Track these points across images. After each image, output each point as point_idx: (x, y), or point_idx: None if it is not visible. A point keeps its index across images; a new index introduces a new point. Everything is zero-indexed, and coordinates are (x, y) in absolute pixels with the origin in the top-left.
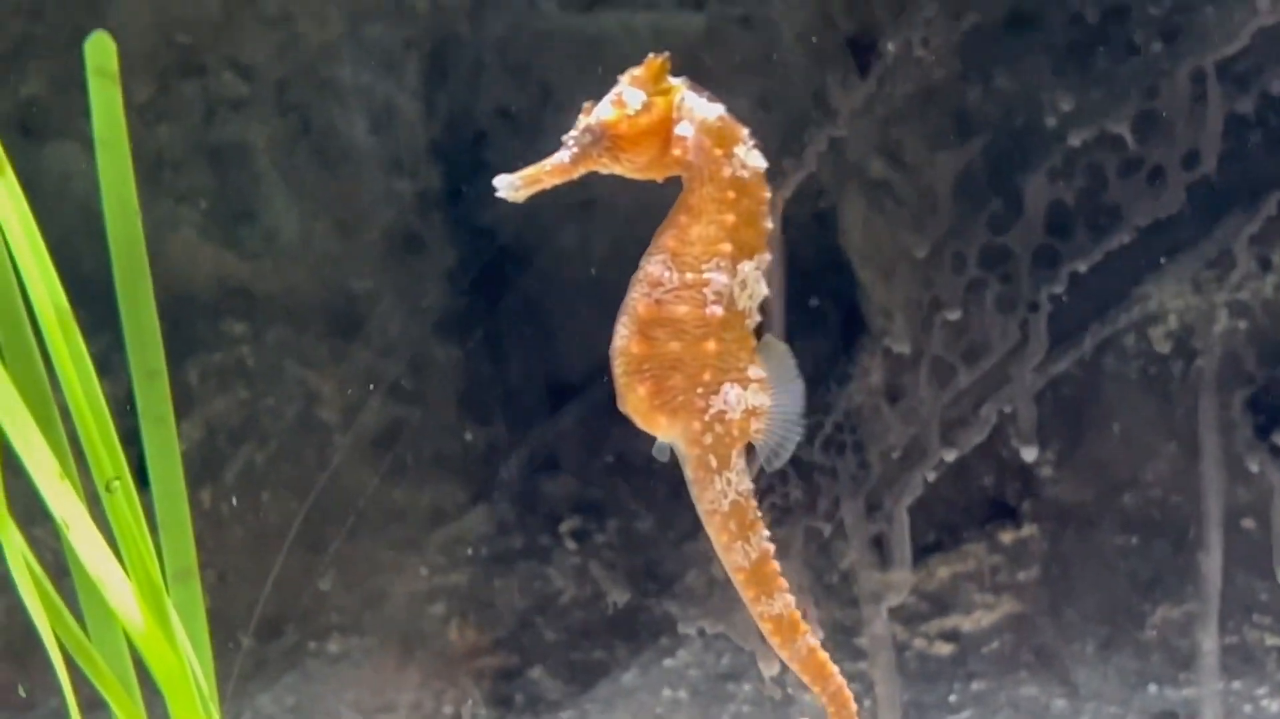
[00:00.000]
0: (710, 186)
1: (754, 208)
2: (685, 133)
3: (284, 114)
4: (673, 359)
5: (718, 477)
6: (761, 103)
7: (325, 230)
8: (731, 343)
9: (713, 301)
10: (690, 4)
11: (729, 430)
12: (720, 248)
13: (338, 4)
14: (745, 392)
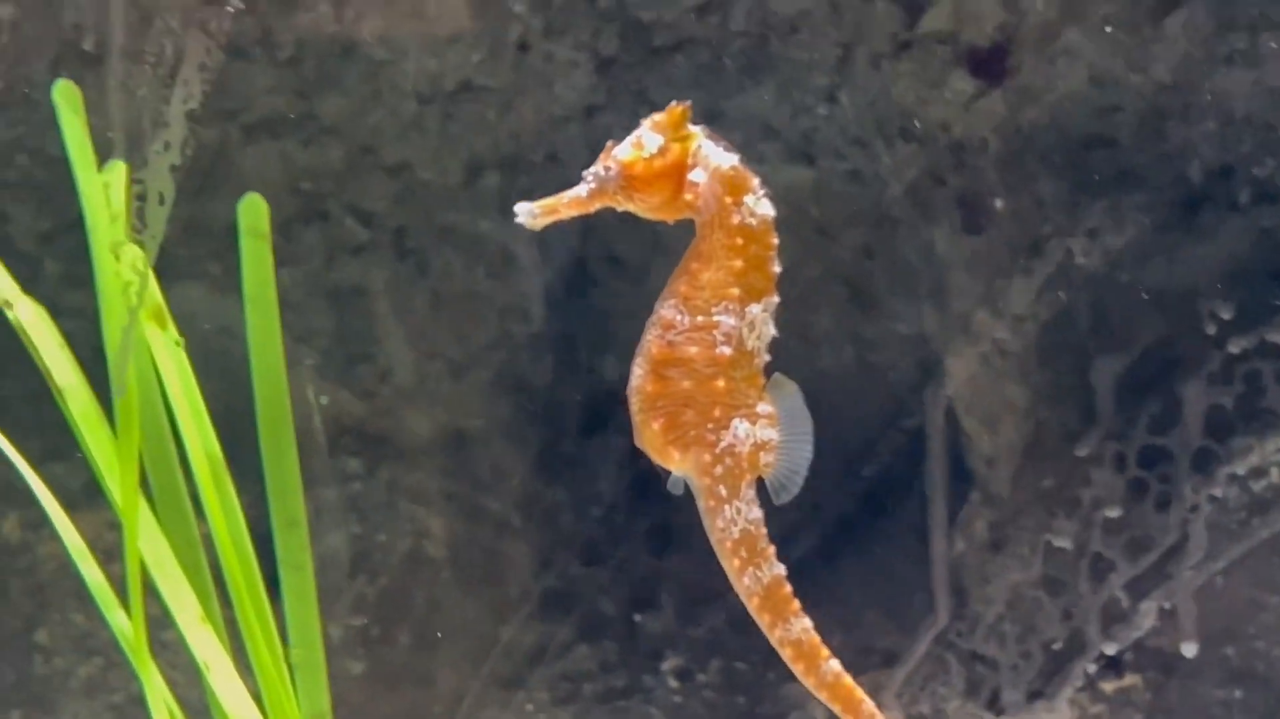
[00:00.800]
0: (720, 233)
1: (762, 253)
2: (698, 179)
3: (402, 258)
4: (685, 397)
5: (727, 506)
6: (866, 254)
7: (439, 371)
8: (740, 381)
9: (722, 342)
10: (800, 158)
11: (738, 463)
12: (729, 292)
13: (456, 154)
14: (754, 426)
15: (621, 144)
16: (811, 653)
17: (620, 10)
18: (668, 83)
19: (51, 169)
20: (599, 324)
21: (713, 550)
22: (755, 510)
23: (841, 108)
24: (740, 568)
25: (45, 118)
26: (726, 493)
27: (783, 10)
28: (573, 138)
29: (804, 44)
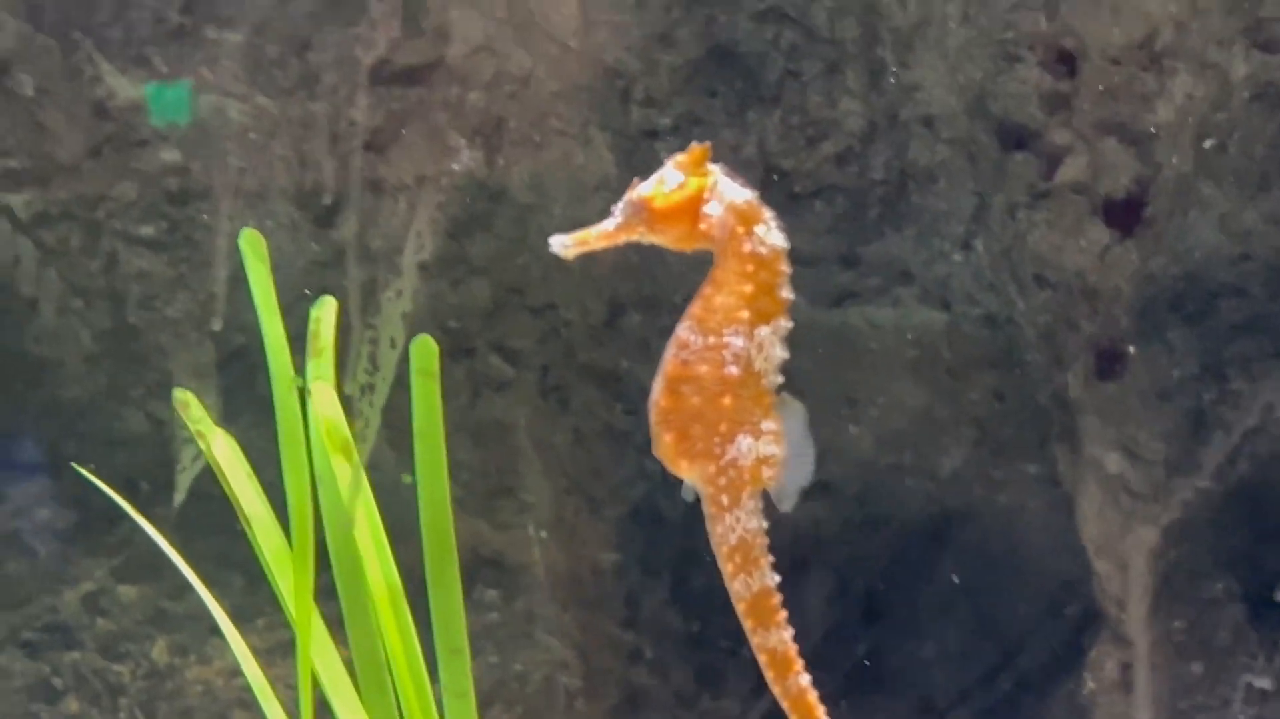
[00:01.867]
0: (732, 260)
1: (772, 280)
2: (713, 211)
3: (545, 395)
4: (694, 412)
5: (728, 514)
6: (997, 397)
7: (577, 505)
8: (747, 399)
9: (730, 362)
10: (935, 302)
11: (741, 474)
12: (739, 315)
13: (599, 294)
14: (758, 442)
15: (646, 181)
16: (785, 663)
17: (762, 158)
18: (806, 228)
19: (210, 306)
20: None
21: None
22: (755, 521)
23: (977, 254)
24: (734, 572)
25: (204, 256)
26: (728, 502)
27: (921, 160)
28: None
29: (941, 193)
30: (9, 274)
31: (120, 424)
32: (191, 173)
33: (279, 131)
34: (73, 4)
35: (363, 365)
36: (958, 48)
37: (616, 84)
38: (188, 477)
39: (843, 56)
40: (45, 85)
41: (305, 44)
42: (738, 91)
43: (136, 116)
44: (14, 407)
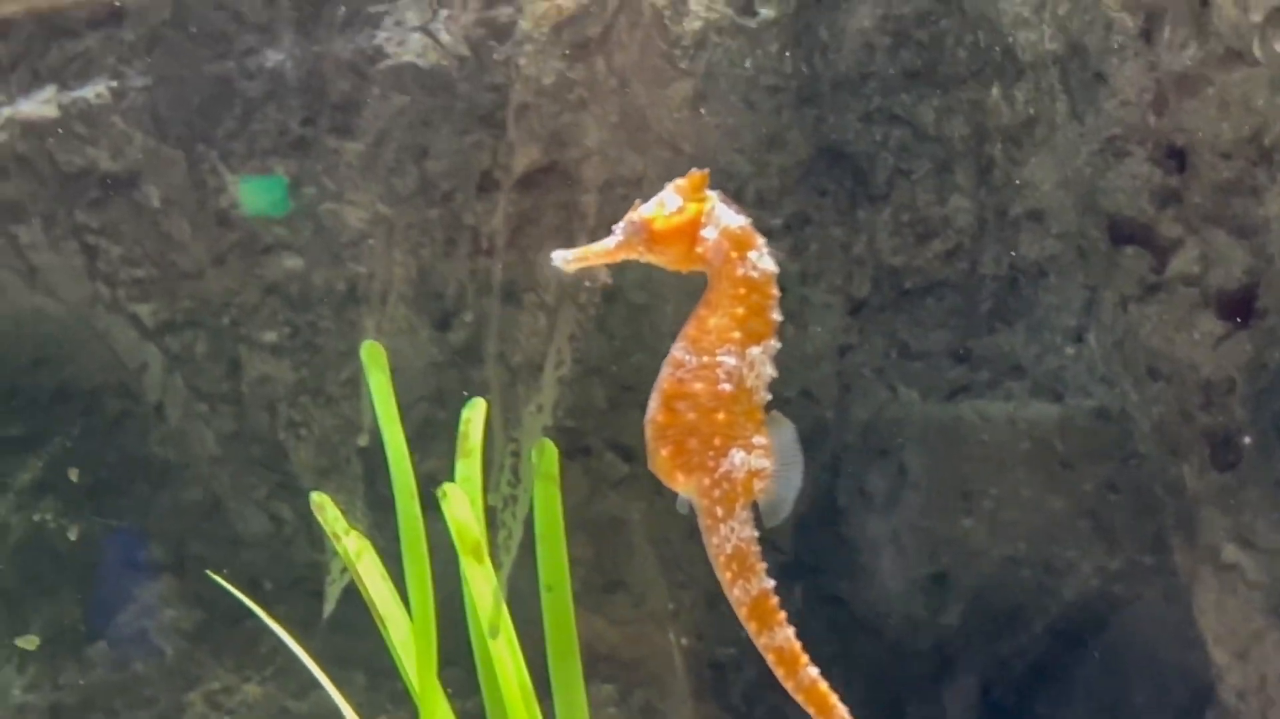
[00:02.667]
0: (725, 283)
1: (763, 302)
2: (709, 235)
3: (660, 491)
4: (690, 427)
5: (723, 524)
6: (1111, 488)
7: (693, 600)
8: (739, 415)
9: (723, 380)
10: (1047, 395)
11: (734, 487)
12: (731, 335)
13: None
14: (750, 456)
15: (647, 203)
16: (792, 659)
17: (872, 255)
18: (918, 324)
19: (331, 409)
20: (847, 555)
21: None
22: (748, 530)
23: (1089, 347)
24: (732, 580)
25: (325, 360)
26: (722, 513)
27: (1031, 255)
28: (826, 376)
29: (1052, 287)
30: (136, 380)
31: (243, 525)
32: (312, 279)
33: (398, 237)
34: (199, 118)
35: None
36: (1067, 144)
37: (728, 186)
38: (337, 588)
39: (952, 154)
40: (171, 196)
41: (424, 152)
42: (848, 190)
43: (261, 225)
44: (140, 509)
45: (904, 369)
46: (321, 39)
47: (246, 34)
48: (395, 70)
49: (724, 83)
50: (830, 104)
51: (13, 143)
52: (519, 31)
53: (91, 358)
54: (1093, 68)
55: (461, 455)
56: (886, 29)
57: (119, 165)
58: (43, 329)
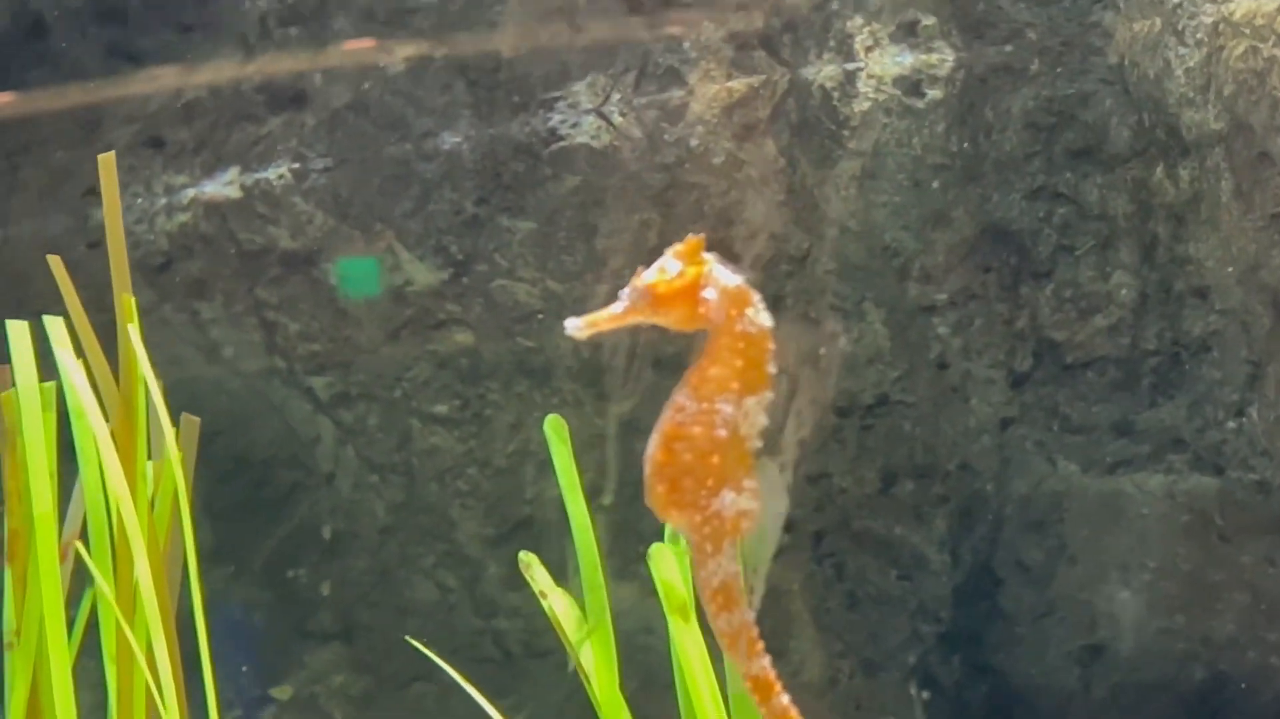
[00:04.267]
0: (725, 338)
1: (759, 356)
2: (709, 296)
3: (819, 562)
4: (686, 467)
5: (711, 560)
6: (1270, 561)
7: (851, 669)
8: (732, 459)
9: (720, 426)
10: (1208, 468)
11: (723, 525)
12: (730, 385)
13: (873, 463)
14: (739, 497)
15: (649, 270)
16: (768, 686)
17: (1034, 330)
18: (1079, 398)
19: (498, 479)
20: (1004, 626)
21: None
22: (734, 566)
23: (1251, 421)
24: (717, 611)
25: (493, 432)
26: (711, 549)
27: (1194, 330)
28: (986, 449)
29: (1215, 362)
30: (309, 452)
31: (410, 593)
32: (482, 353)
33: (565, 312)
34: (378, 198)
35: None
36: (1231, 222)
37: (893, 262)
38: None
39: (1115, 232)
40: (348, 274)
41: (593, 230)
42: (1011, 267)
43: (434, 301)
44: (311, 577)
45: (1064, 443)
46: (497, 122)
47: (424, 118)
48: (568, 151)
49: (891, 162)
50: (994, 182)
51: (197, 222)
52: (690, 114)
53: (266, 430)
54: (1258, 146)
55: None
56: (1051, 109)
57: (298, 244)
58: (220, 402)
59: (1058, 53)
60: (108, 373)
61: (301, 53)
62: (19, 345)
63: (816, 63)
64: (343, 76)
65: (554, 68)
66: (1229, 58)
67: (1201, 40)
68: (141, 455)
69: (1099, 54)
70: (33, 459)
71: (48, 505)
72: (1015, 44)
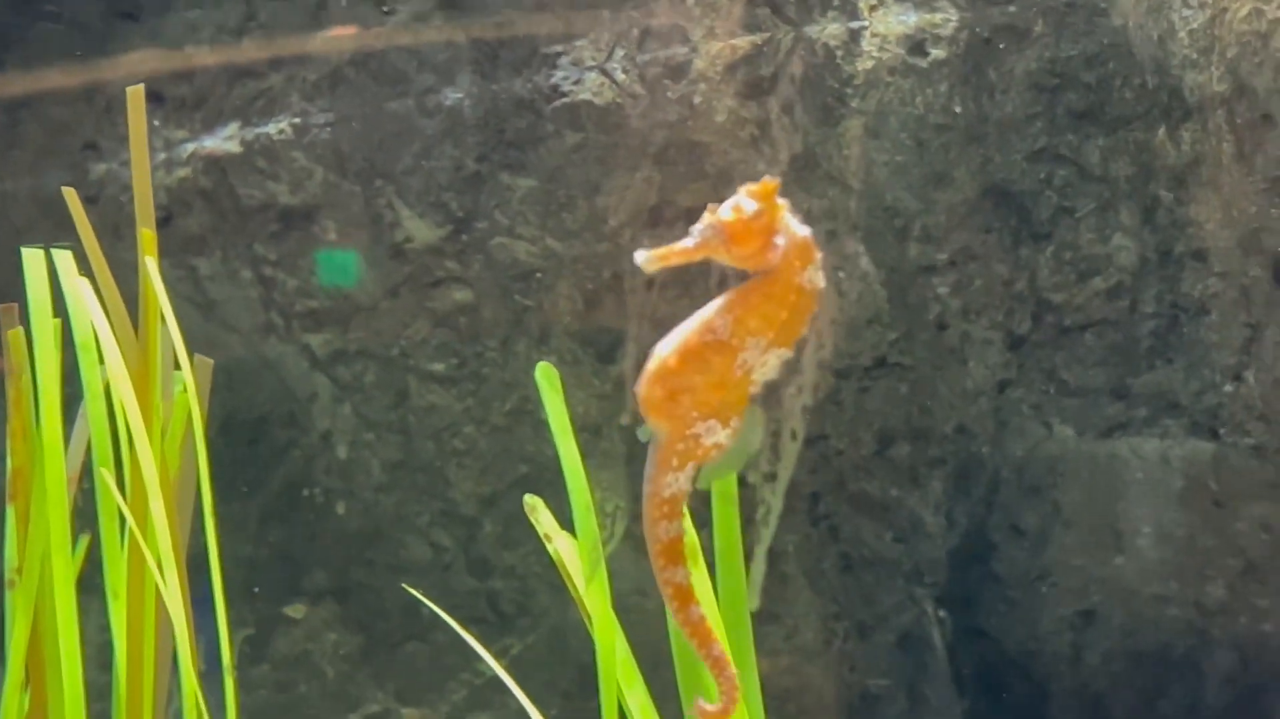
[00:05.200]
0: (780, 287)
1: (803, 314)
2: (780, 242)
3: (815, 524)
4: (690, 386)
5: (672, 473)
6: (1265, 527)
7: (845, 631)
8: (732, 398)
9: (739, 367)
10: (1203, 433)
11: (696, 448)
12: (767, 332)
13: (869, 426)
14: (722, 432)
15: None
16: (685, 596)
17: (1034, 292)
18: (1077, 360)
19: (494, 438)
20: (998, 590)
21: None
22: (688, 484)
23: (1247, 385)
24: (658, 518)
25: (491, 390)
26: (677, 464)
27: (1193, 293)
28: (983, 412)
29: (1213, 325)
30: (305, 409)
31: (405, 552)
32: (481, 311)
33: (564, 271)
34: (378, 153)
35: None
36: (1232, 185)
37: (894, 222)
38: None
39: (1116, 194)
40: (347, 230)
41: (595, 188)
42: (1011, 228)
43: (433, 258)
44: (306, 536)
45: (1061, 405)
46: (499, 78)
47: (425, 74)
48: (570, 108)
49: (894, 121)
50: (996, 143)
51: (196, 177)
52: (693, 70)
53: (262, 388)
54: (1260, 109)
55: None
56: (1054, 70)
57: (298, 199)
58: (217, 358)
59: (1061, 14)
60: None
61: (303, 7)
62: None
63: (821, 20)
64: (345, 32)
65: (557, 24)
66: (1233, 20)
67: (1205, 2)
68: (156, 391)
69: (1103, 15)
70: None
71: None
72: (1019, 4)
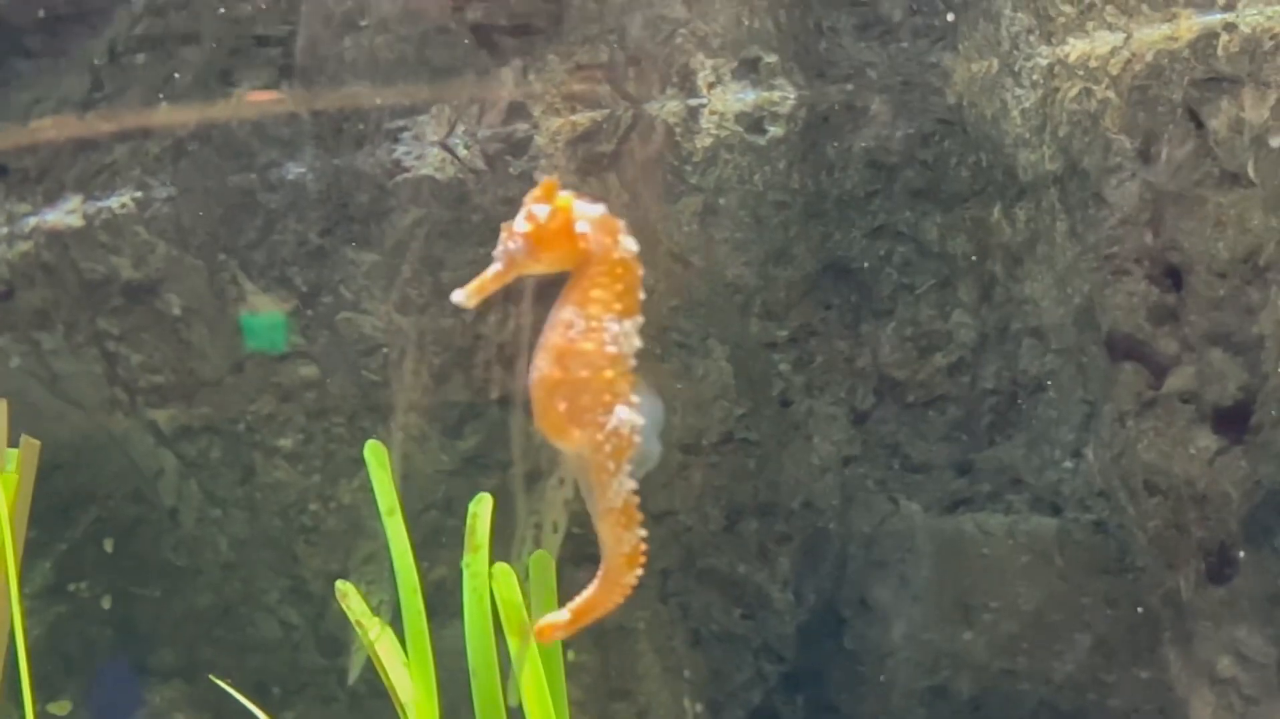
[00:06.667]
0: (603, 265)
1: (633, 280)
2: (585, 229)
3: (664, 600)
4: (582, 383)
5: (614, 479)
6: (1109, 602)
7: (700, 710)
8: (618, 375)
9: (609, 342)
10: (1046, 508)
11: (622, 441)
12: (613, 306)
13: (717, 501)
14: (631, 412)
15: (517, 221)
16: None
17: (875, 369)
18: (919, 435)
19: (342, 514)
20: (848, 665)
21: None
22: (631, 484)
23: (1087, 462)
24: (620, 534)
25: (338, 467)
26: (614, 468)
27: (1031, 370)
28: (829, 487)
29: (1052, 402)
30: (151, 486)
31: (254, 630)
32: (328, 387)
33: (410, 347)
34: (221, 228)
35: (527, 548)
36: (1066, 262)
37: (736, 298)
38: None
39: (954, 271)
40: (191, 305)
41: (439, 263)
42: (852, 304)
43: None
44: (152, 614)
45: (906, 481)
46: (342, 153)
47: (269, 148)
48: (413, 183)
49: (733, 198)
50: (836, 220)
51: (38, 251)
52: (534, 146)
53: (108, 463)
54: (1092, 187)
55: (470, 550)
56: (891, 149)
57: (141, 274)
58: (61, 434)
59: (898, 92)
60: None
61: (148, 81)
62: None
63: (660, 98)
64: (187, 106)
65: (398, 100)
66: (1063, 99)
67: (1037, 81)
68: None
69: (938, 94)
70: None
71: None
72: (856, 83)
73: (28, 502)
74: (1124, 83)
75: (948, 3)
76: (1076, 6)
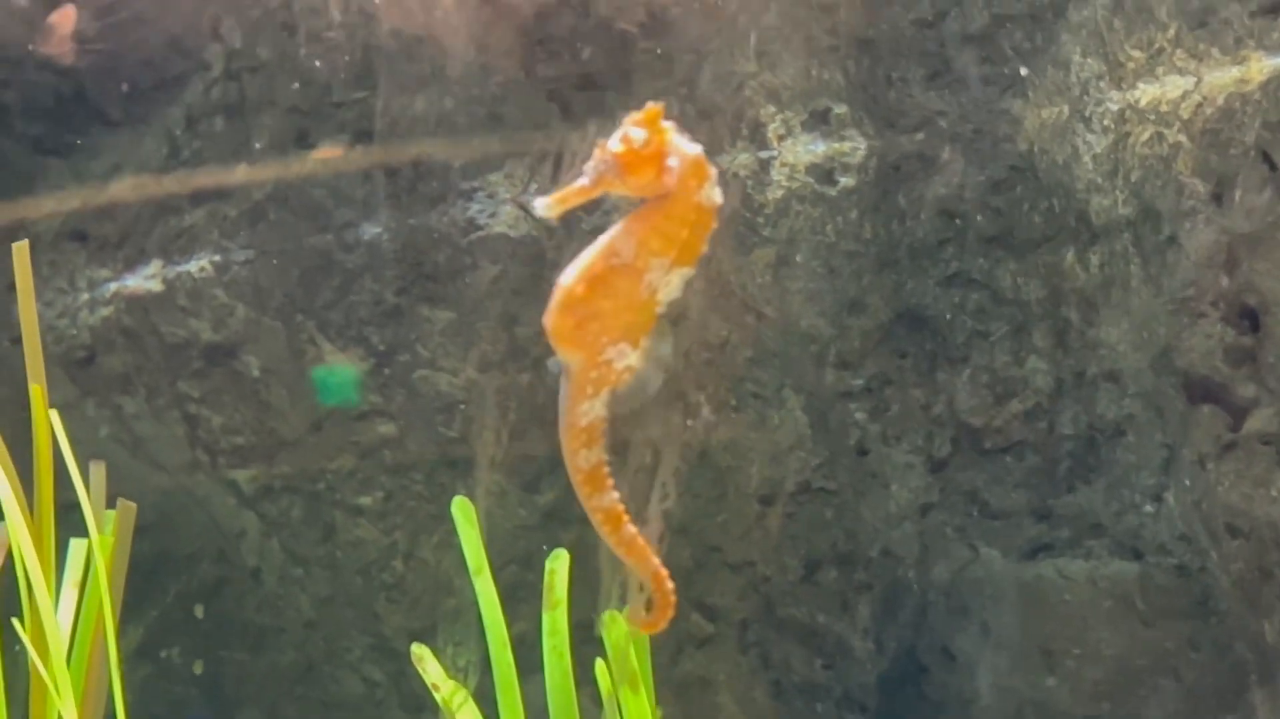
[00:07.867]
0: (680, 206)
1: (703, 232)
2: (674, 164)
3: (745, 651)
4: (598, 312)
5: (588, 400)
6: (1193, 646)
7: None
8: (640, 320)
9: (644, 289)
10: (1127, 553)
11: (609, 373)
12: (668, 252)
13: (796, 551)
14: (632, 354)
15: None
16: (616, 518)
17: (952, 416)
18: (997, 482)
19: (423, 572)
20: (930, 713)
21: None
22: (603, 410)
23: (1168, 506)
24: (577, 448)
25: (418, 524)
26: (592, 391)
27: (1109, 415)
28: (907, 535)
29: (1130, 446)
30: (234, 546)
31: (337, 688)
32: (406, 444)
33: (486, 403)
34: (298, 289)
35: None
36: (1141, 306)
37: (810, 348)
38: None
39: (1029, 317)
40: (270, 366)
41: (514, 319)
42: (927, 352)
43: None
44: (236, 673)
45: (985, 528)
46: (416, 212)
47: (344, 208)
48: (487, 240)
49: (805, 249)
50: (909, 269)
51: (119, 316)
52: (606, 201)
53: (191, 525)
54: (1165, 231)
55: (548, 608)
56: (963, 196)
57: (220, 336)
58: (145, 498)
59: (968, 140)
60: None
61: (225, 146)
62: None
63: (731, 150)
64: (264, 169)
65: (472, 158)
66: (1135, 143)
67: (1108, 127)
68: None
69: (1009, 141)
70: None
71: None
72: (926, 131)
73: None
74: (1195, 126)
75: (1018, 51)
76: (1146, 51)
